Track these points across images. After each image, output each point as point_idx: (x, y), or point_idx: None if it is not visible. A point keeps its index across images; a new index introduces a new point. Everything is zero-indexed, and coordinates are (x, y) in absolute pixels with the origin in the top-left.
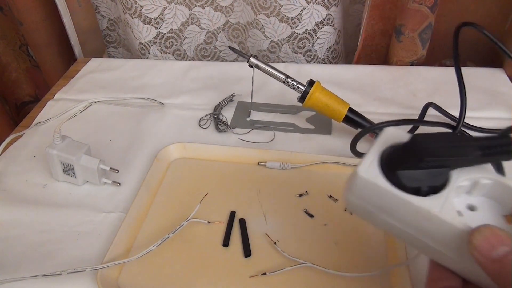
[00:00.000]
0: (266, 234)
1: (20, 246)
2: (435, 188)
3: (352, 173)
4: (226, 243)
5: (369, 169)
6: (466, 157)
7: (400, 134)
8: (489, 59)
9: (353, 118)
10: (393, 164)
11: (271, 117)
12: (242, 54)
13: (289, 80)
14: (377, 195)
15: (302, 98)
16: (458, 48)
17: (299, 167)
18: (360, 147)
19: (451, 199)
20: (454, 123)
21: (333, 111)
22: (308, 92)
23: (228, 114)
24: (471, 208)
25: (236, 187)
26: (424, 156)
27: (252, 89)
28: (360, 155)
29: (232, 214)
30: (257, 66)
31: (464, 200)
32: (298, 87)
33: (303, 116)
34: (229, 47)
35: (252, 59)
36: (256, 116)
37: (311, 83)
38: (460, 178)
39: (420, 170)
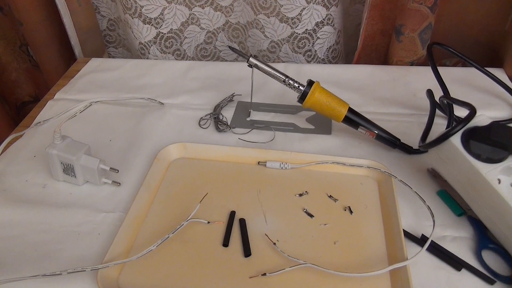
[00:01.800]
0: (266, 234)
1: (20, 246)
2: (492, 160)
3: (444, 137)
4: (226, 243)
5: (455, 137)
6: None
7: (485, 121)
8: (489, 59)
9: (353, 118)
10: (471, 136)
11: (271, 117)
12: (242, 54)
13: (288, 80)
14: (453, 153)
15: (301, 99)
16: (435, 63)
17: (299, 167)
18: (358, 148)
19: (498, 170)
20: None
21: (333, 111)
22: (307, 93)
23: (228, 114)
24: None
25: (236, 187)
26: (493, 137)
27: (252, 89)
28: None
29: (232, 214)
30: (256, 66)
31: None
32: (297, 87)
33: (303, 116)
34: (229, 47)
35: (251, 59)
36: (256, 116)
37: (310, 83)
38: None
39: (486, 145)
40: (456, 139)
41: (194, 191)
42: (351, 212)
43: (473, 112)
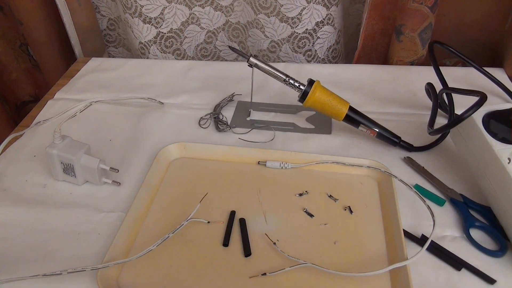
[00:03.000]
0: (266, 234)
1: (20, 246)
2: (507, 141)
3: (456, 122)
4: (226, 243)
5: (477, 116)
6: None
7: (505, 105)
8: (489, 59)
9: (354, 117)
10: (492, 117)
11: (271, 117)
12: (242, 54)
13: (289, 79)
14: (473, 129)
15: (302, 98)
16: (436, 61)
17: (299, 166)
18: (358, 148)
19: (510, 150)
20: None
21: (334, 110)
22: (308, 92)
23: (228, 113)
24: None
25: (236, 187)
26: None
27: (252, 88)
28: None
29: (232, 214)
30: (256, 66)
31: None
32: (298, 86)
33: (303, 115)
34: (229, 47)
35: (252, 59)
36: (256, 115)
37: (311, 82)
38: None
39: (504, 126)
40: (478, 118)
41: (194, 191)
42: (351, 212)
43: (483, 97)
